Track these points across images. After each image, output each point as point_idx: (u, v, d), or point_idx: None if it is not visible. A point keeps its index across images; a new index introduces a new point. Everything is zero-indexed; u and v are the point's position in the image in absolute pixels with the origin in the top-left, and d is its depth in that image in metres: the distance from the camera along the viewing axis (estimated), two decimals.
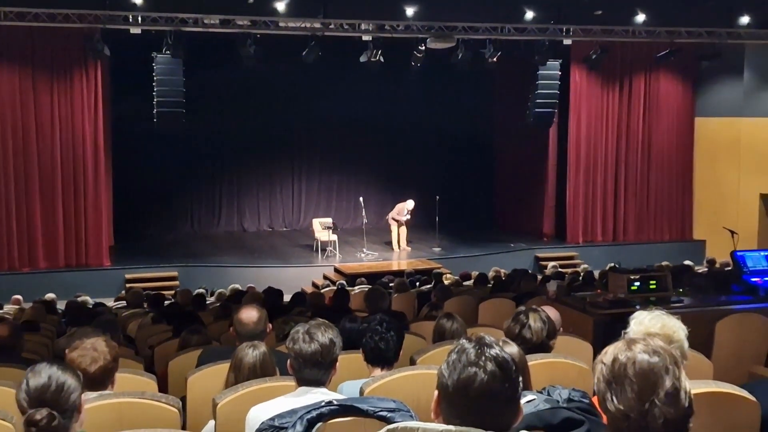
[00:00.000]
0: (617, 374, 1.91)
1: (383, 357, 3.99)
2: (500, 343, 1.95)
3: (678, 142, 18.93)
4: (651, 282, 6.94)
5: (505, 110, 19.97)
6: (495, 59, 16.26)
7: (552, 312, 4.85)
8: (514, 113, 18.63)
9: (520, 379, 1.93)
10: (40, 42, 14.73)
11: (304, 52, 15.13)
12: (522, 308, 4.01)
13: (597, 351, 4.89)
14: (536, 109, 17.25)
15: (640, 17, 16.35)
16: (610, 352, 1.97)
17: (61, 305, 11.40)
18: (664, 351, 1.93)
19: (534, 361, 3.57)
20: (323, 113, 19.98)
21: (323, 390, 3.20)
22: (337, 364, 3.28)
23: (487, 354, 1.89)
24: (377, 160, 20.89)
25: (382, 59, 15.33)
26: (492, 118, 20.88)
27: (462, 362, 1.89)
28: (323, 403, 2.63)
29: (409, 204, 17.55)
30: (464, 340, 1.95)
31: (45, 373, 2.66)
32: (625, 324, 3.10)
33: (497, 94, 20.59)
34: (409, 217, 17.51)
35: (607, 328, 6.05)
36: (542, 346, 3.80)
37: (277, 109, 19.64)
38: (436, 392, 1.94)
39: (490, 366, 1.86)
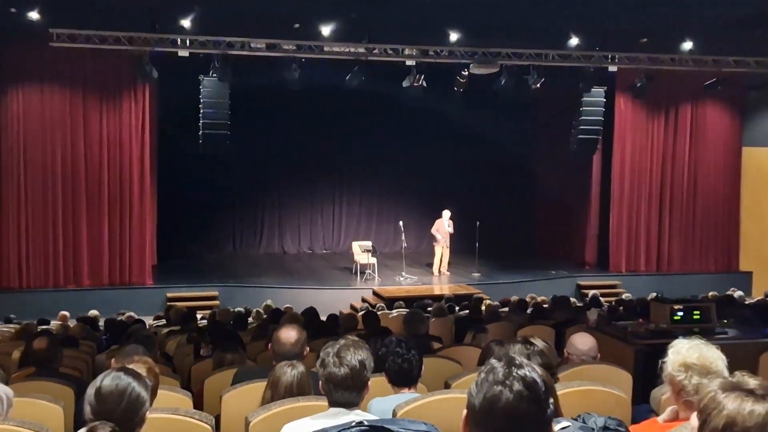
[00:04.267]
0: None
1: (408, 377, 4.00)
2: (532, 365, 1.90)
3: (725, 171, 18.63)
4: (695, 312, 6.81)
5: (548, 137, 19.86)
6: (538, 85, 16.19)
7: (588, 339, 4.80)
8: (557, 140, 18.51)
9: (551, 401, 1.86)
10: (90, 64, 15.08)
11: (347, 77, 15.25)
12: (520, 338, 4.02)
13: (637, 381, 4.84)
14: (579, 136, 17.11)
15: (687, 45, 16.17)
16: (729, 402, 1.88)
17: (104, 322, 11.53)
18: None
19: (570, 388, 3.51)
20: (365, 137, 20.10)
21: (356, 411, 3.18)
22: (369, 383, 3.26)
23: (515, 374, 1.84)
24: (418, 185, 20.89)
25: (425, 84, 15.38)
26: (534, 145, 20.76)
27: (489, 381, 1.84)
28: (353, 424, 2.60)
29: (445, 215, 17.49)
30: (494, 360, 1.92)
31: (122, 382, 2.58)
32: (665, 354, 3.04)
33: (540, 120, 20.49)
34: (452, 230, 17.42)
35: (649, 359, 5.93)
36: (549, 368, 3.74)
37: (319, 133, 19.80)
38: (464, 411, 1.91)
39: (517, 386, 1.81)
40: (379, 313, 11.98)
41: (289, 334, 4.50)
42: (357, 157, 20.65)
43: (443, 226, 17.44)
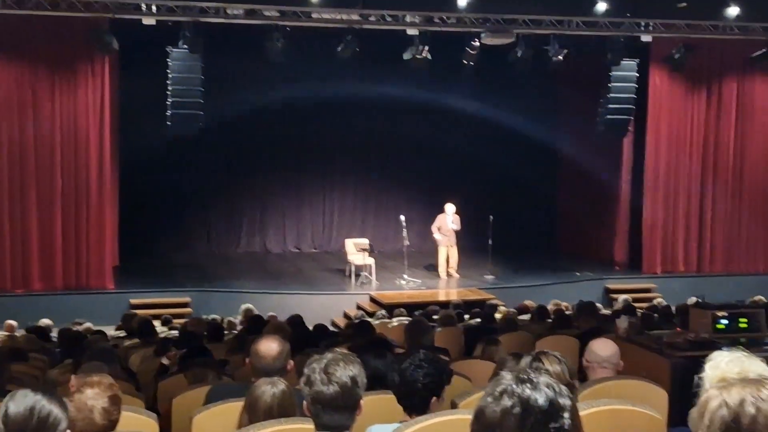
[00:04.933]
0: (749, 422, 1.89)
1: (408, 403, 3.99)
2: (539, 383, 1.89)
3: None
4: (741, 320, 6.86)
5: (572, 117, 19.85)
6: (560, 58, 16.18)
7: (609, 345, 4.86)
8: (582, 121, 18.51)
9: (566, 423, 1.86)
10: (40, 33, 15.02)
11: (339, 48, 15.23)
12: (531, 355, 4.03)
13: (674, 399, 4.84)
14: (608, 116, 17.10)
15: (733, 10, 16.14)
16: (736, 392, 1.96)
17: (57, 332, 11.52)
18: None
19: (594, 408, 3.51)
20: (360, 119, 20.09)
21: None
22: (362, 402, 3.25)
23: (509, 389, 1.85)
24: (421, 174, 20.88)
25: (429, 57, 15.37)
26: (556, 127, 20.74)
27: (486, 394, 1.87)
28: None
29: (448, 209, 17.46)
30: (504, 372, 1.92)
31: (27, 402, 2.65)
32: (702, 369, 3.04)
33: (562, 98, 20.49)
34: (456, 227, 17.39)
35: (687, 373, 5.94)
36: (568, 387, 3.76)
37: (307, 114, 19.77)
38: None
39: (506, 402, 1.83)
40: (377, 322, 12.02)
41: (269, 347, 4.51)
42: (351, 141, 20.62)
43: (446, 222, 17.40)
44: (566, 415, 1.85)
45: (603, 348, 4.94)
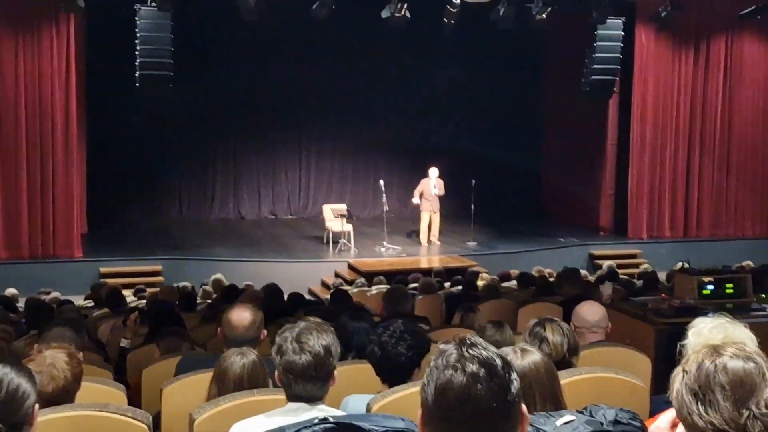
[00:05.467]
0: (706, 382, 1.93)
1: (387, 375, 3.99)
2: (485, 344, 1.91)
3: (765, 118, 18.71)
4: (727, 285, 6.91)
5: (556, 78, 19.83)
6: (544, 16, 16.11)
7: (596, 308, 4.92)
8: (566, 82, 18.48)
9: (516, 382, 1.87)
10: None
11: (314, 6, 15.09)
12: (536, 319, 4.05)
13: (659, 366, 4.87)
14: (593, 77, 17.06)
15: None
16: (692, 359, 2.01)
17: (24, 302, 11.47)
18: (758, 357, 1.98)
19: (577, 375, 3.52)
20: (338, 80, 19.94)
21: (320, 406, 3.18)
22: (336, 372, 3.25)
23: (467, 354, 1.86)
24: (402, 137, 20.79)
25: (408, 15, 15.26)
26: (540, 88, 20.73)
27: (438, 367, 1.87)
28: (316, 421, 2.59)
29: (432, 174, 17.40)
30: (444, 343, 1.93)
31: None
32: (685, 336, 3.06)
33: (547, 58, 20.46)
34: (440, 192, 17.35)
35: (672, 340, 5.97)
36: (563, 364, 3.77)
37: (282, 74, 19.59)
38: (419, 411, 1.92)
39: (470, 366, 1.83)
40: (356, 290, 12.05)
41: (242, 316, 4.51)
42: (328, 103, 20.50)
43: (429, 187, 17.34)
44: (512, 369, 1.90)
45: (591, 312, 5.00)
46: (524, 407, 1.90)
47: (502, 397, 1.84)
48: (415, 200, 17.49)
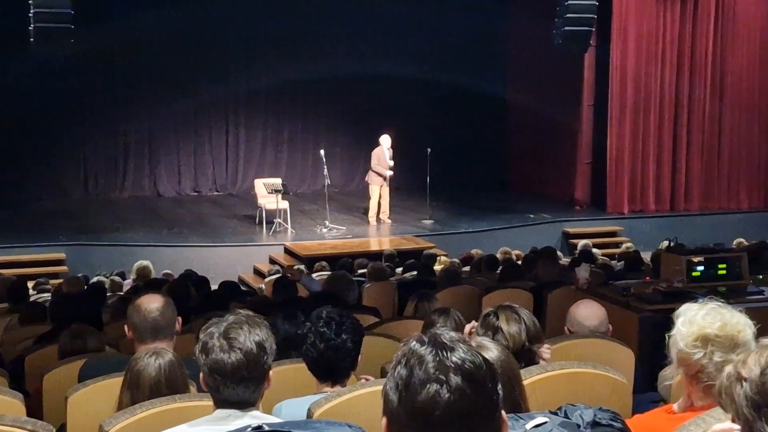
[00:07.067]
0: None
1: (335, 370, 4.01)
2: (465, 344, 1.92)
3: (762, 76, 18.96)
4: (720, 266, 6.99)
5: (524, 31, 19.88)
6: None
7: (595, 310, 4.84)
8: (536, 35, 18.52)
9: (499, 389, 1.91)
10: None
11: None
12: (490, 309, 4.04)
13: (643, 358, 4.92)
14: (566, 28, 17.10)
15: None
16: (753, 362, 1.95)
17: None
18: None
19: (550, 371, 3.55)
20: (270, 35, 19.85)
21: (252, 412, 3.17)
22: (270, 374, 3.24)
23: (447, 362, 1.86)
24: (345, 101, 20.82)
25: None
26: (506, 43, 20.79)
27: (418, 379, 1.86)
28: (249, 430, 2.59)
29: (384, 142, 17.31)
30: (415, 343, 1.92)
31: None
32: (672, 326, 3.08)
33: (513, 9, 20.51)
34: (392, 162, 17.27)
35: (658, 329, 6.04)
36: (524, 354, 3.77)
37: (206, 28, 19.47)
38: (384, 420, 1.92)
39: (454, 379, 1.84)
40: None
41: (151, 299, 4.54)
42: (259, 63, 20.45)
43: (385, 157, 17.29)
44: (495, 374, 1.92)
45: (588, 316, 4.86)
46: (504, 413, 1.93)
47: (487, 406, 1.87)
48: (378, 169, 17.20)
